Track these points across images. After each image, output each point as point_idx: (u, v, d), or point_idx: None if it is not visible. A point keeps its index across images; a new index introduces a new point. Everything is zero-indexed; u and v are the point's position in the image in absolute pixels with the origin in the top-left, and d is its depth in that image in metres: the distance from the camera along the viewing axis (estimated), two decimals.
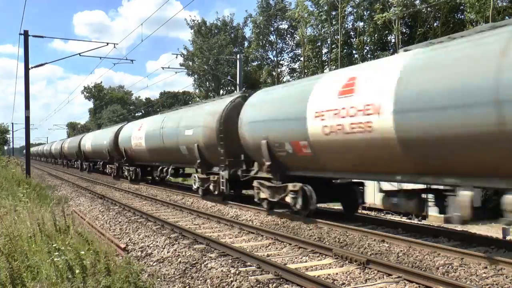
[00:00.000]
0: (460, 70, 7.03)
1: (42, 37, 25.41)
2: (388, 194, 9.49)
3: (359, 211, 13.73)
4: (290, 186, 11.27)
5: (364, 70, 9.52)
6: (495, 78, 6.40)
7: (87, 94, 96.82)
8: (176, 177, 22.90)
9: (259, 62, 48.63)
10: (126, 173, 25.87)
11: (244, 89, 26.64)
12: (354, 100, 8.91)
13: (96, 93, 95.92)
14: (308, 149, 10.41)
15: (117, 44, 29.32)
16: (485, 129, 6.55)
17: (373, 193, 15.39)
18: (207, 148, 15.42)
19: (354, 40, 36.32)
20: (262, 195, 12.53)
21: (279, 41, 46.64)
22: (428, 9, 30.42)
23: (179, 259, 7.62)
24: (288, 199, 11.37)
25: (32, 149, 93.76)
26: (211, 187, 15.46)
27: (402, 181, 8.86)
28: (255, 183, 12.85)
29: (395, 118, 7.91)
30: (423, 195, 8.81)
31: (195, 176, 16.84)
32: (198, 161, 16.05)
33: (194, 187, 16.93)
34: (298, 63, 46.03)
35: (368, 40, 33.99)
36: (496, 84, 6.37)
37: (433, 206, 8.86)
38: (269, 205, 12.43)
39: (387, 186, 10.75)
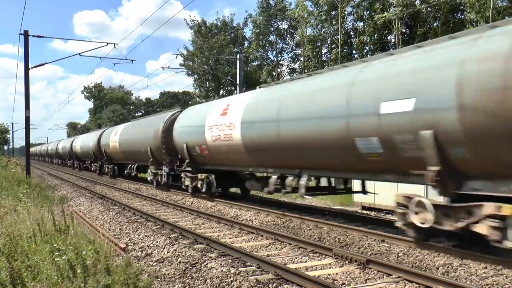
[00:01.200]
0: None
1: (42, 37, 25.41)
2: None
3: (359, 210, 13.79)
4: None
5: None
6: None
7: (87, 94, 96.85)
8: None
9: (259, 62, 48.63)
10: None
11: (244, 88, 26.61)
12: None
13: (96, 93, 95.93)
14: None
15: (117, 44, 29.29)
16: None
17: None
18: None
19: (354, 40, 36.30)
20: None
21: (279, 41, 46.63)
22: (428, 9, 30.42)
23: (179, 259, 7.62)
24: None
25: (32, 149, 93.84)
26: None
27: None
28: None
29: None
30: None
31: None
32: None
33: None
34: (298, 63, 46.04)
35: (368, 40, 33.98)
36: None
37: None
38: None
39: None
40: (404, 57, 8.42)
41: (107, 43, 24.88)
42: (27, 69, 23.15)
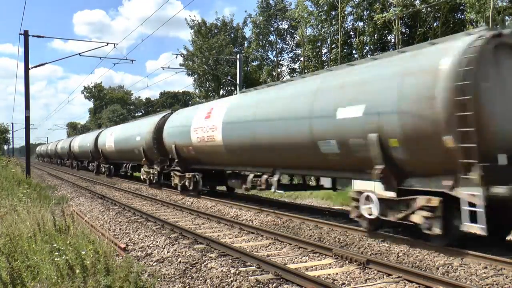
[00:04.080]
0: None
1: (42, 37, 25.44)
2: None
3: None
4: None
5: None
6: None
7: (87, 94, 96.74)
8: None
9: (259, 62, 48.59)
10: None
11: (244, 88, 26.64)
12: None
13: (96, 93, 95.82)
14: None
15: (117, 44, 29.46)
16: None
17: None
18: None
19: (354, 40, 36.28)
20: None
21: (279, 41, 46.61)
22: (428, 9, 30.40)
23: (179, 259, 7.62)
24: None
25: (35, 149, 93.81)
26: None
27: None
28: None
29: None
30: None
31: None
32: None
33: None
34: (298, 63, 46.02)
35: (368, 40, 33.95)
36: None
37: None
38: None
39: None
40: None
41: (107, 43, 24.92)
42: (27, 69, 23.15)
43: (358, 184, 12.42)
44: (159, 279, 6.53)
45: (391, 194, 8.49)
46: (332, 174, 11.43)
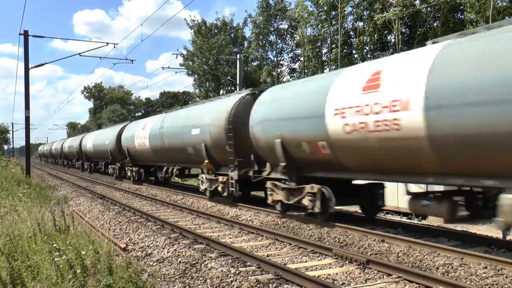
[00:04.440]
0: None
1: (42, 37, 25.44)
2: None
3: (359, 210, 13.74)
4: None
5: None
6: None
7: (87, 94, 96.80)
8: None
9: (259, 62, 48.60)
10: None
11: (244, 88, 26.58)
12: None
13: (96, 93, 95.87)
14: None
15: (117, 44, 29.41)
16: None
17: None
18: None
19: (354, 40, 36.29)
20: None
21: (279, 41, 46.62)
22: (428, 9, 30.41)
23: (179, 259, 7.62)
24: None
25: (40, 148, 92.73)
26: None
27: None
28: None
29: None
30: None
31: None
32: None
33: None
34: (298, 63, 46.03)
35: (367, 40, 33.97)
36: None
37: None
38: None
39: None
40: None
41: (107, 43, 24.95)
42: (27, 69, 23.16)
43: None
44: (159, 279, 6.54)
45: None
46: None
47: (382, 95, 8.14)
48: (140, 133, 22.65)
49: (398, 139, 7.88)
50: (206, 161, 15.44)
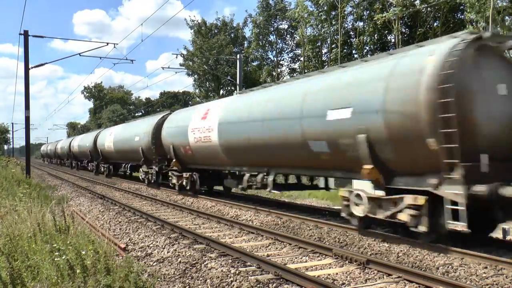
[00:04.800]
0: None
1: (42, 37, 25.43)
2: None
3: None
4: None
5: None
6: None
7: (87, 94, 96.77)
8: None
9: (259, 62, 48.60)
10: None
11: (244, 88, 26.52)
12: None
13: (96, 93, 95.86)
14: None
15: (117, 44, 29.46)
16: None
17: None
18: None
19: (354, 40, 36.29)
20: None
21: (279, 41, 46.61)
22: (428, 9, 30.40)
23: (179, 259, 7.62)
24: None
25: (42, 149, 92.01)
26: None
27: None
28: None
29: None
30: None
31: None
32: (142, 159, 22.17)
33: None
34: (298, 63, 46.02)
35: (368, 40, 33.96)
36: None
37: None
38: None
39: None
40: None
41: (107, 43, 24.92)
42: (27, 69, 23.15)
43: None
44: (159, 279, 6.54)
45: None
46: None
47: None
48: (201, 124, 15.60)
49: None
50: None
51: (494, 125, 7.52)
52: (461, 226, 7.10)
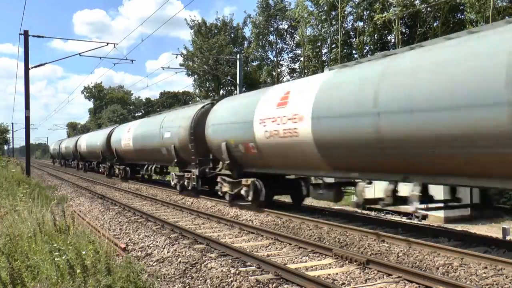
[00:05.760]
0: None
1: (42, 37, 25.49)
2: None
3: (359, 210, 13.78)
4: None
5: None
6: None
7: (87, 94, 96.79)
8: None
9: (259, 62, 48.61)
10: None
11: (244, 88, 26.48)
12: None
13: (96, 93, 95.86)
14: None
15: (117, 44, 29.44)
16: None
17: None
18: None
19: (354, 40, 36.30)
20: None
21: (279, 41, 46.62)
22: (428, 9, 30.41)
23: (179, 259, 7.62)
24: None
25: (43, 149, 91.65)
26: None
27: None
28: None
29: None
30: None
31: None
32: (175, 160, 18.03)
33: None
34: (298, 63, 46.03)
35: (368, 40, 33.97)
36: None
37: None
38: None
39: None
40: None
41: (107, 43, 24.90)
42: (27, 69, 23.15)
43: None
44: (159, 279, 6.54)
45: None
46: None
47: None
48: (277, 113, 11.61)
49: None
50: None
51: None
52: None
